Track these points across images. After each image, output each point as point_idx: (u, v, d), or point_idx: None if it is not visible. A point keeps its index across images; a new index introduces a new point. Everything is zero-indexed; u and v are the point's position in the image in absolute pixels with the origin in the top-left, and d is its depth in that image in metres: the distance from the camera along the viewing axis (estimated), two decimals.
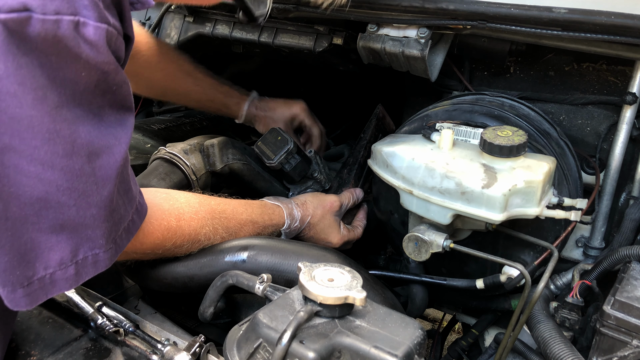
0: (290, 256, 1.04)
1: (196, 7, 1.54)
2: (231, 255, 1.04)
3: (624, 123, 1.22)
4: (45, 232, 0.76)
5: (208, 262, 1.05)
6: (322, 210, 1.30)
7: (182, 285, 1.06)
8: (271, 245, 1.07)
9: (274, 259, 1.03)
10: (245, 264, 1.03)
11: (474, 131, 1.16)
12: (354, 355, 0.73)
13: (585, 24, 1.04)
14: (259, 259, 1.03)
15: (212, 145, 1.35)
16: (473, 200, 1.01)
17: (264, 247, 1.05)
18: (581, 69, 1.32)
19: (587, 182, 1.29)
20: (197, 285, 1.05)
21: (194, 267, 1.05)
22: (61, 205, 0.75)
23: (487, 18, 1.13)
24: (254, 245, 1.06)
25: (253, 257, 1.04)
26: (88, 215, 0.79)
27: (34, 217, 0.74)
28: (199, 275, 1.04)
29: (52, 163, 0.72)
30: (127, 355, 0.95)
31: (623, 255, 1.02)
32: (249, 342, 0.76)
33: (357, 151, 1.52)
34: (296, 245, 1.10)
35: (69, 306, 1.05)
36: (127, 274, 1.16)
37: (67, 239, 0.78)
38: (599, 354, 0.90)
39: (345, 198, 1.38)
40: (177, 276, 1.05)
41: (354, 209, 1.46)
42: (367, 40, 1.28)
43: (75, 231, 0.78)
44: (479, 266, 1.27)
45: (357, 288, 0.76)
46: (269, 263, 1.03)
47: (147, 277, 1.07)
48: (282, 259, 1.03)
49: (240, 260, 1.04)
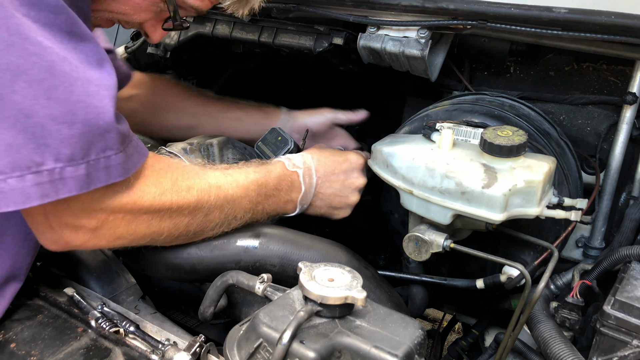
0: (301, 247, 1.05)
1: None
2: (243, 240, 1.05)
3: (624, 123, 1.22)
4: (56, 120, 0.74)
5: (220, 244, 1.05)
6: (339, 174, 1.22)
7: (190, 267, 1.05)
8: (283, 234, 1.08)
9: (285, 247, 1.05)
10: (256, 249, 1.04)
11: (474, 131, 1.16)
12: (354, 355, 0.73)
13: (585, 24, 1.04)
14: (271, 246, 1.05)
15: (212, 145, 1.35)
16: (473, 200, 1.01)
17: (276, 235, 1.07)
18: (581, 69, 1.32)
19: (587, 182, 1.29)
20: (205, 268, 1.05)
21: (205, 247, 1.05)
22: (69, 84, 0.75)
23: (487, 18, 1.13)
24: (267, 233, 1.07)
25: (265, 244, 1.05)
26: (95, 105, 0.78)
27: (43, 100, 0.73)
28: (209, 257, 1.04)
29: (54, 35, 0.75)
30: (127, 355, 0.95)
31: (623, 255, 1.02)
32: (249, 342, 0.76)
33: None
34: (307, 238, 1.11)
35: (69, 306, 1.06)
36: (130, 260, 1.14)
37: (80, 133, 0.76)
38: (599, 354, 0.90)
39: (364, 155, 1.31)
40: (188, 256, 1.04)
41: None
42: (367, 40, 1.28)
43: (87, 124, 0.77)
44: (479, 266, 1.27)
45: (357, 288, 0.76)
46: (280, 251, 1.04)
47: (154, 260, 1.06)
48: (293, 249, 1.05)
49: (252, 246, 1.05)
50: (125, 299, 1.17)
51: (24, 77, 0.73)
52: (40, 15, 0.76)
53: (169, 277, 1.10)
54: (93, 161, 0.78)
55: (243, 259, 1.05)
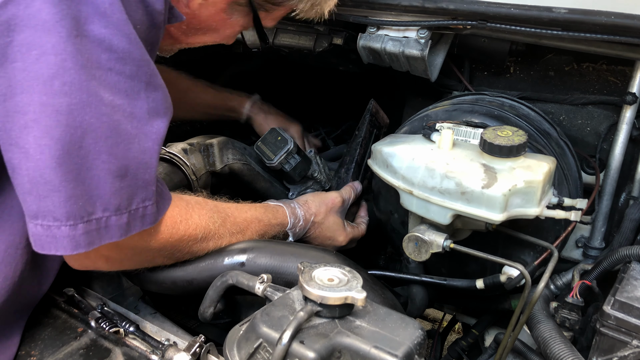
0: (289, 258, 1.03)
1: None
2: (230, 257, 1.04)
3: (624, 123, 1.22)
4: (111, 174, 0.80)
5: (207, 265, 1.04)
6: (325, 207, 1.30)
7: (181, 289, 1.05)
8: (270, 247, 1.06)
9: (272, 261, 1.03)
10: (244, 267, 1.03)
11: (474, 131, 1.16)
12: (354, 355, 0.73)
13: (585, 24, 1.05)
14: (258, 261, 1.03)
15: (212, 145, 1.35)
16: (473, 201, 1.01)
17: (262, 249, 1.05)
18: (581, 69, 1.32)
19: (587, 182, 1.29)
20: (196, 289, 1.05)
21: (192, 270, 1.04)
22: (129, 142, 0.81)
23: (487, 18, 1.13)
24: (253, 248, 1.05)
25: (252, 260, 1.03)
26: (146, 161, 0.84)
27: (105, 155, 0.79)
28: (198, 279, 1.04)
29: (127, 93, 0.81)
30: (127, 355, 0.95)
31: (623, 255, 1.02)
32: (249, 342, 0.76)
33: (353, 149, 1.52)
34: (295, 247, 1.09)
35: (69, 306, 1.06)
36: (127, 276, 1.15)
37: (128, 185, 0.82)
38: (599, 354, 0.90)
39: (346, 193, 1.38)
40: (176, 280, 1.04)
41: (355, 207, 1.46)
42: (367, 40, 1.28)
43: (135, 178, 0.83)
44: (479, 266, 1.27)
45: (357, 288, 0.76)
46: (267, 265, 1.03)
47: (147, 280, 1.06)
48: (281, 261, 1.03)
49: (239, 263, 1.03)
50: (125, 299, 1.17)
51: (92, 134, 0.78)
52: (125, 68, 0.81)
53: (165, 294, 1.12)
54: (133, 210, 0.84)
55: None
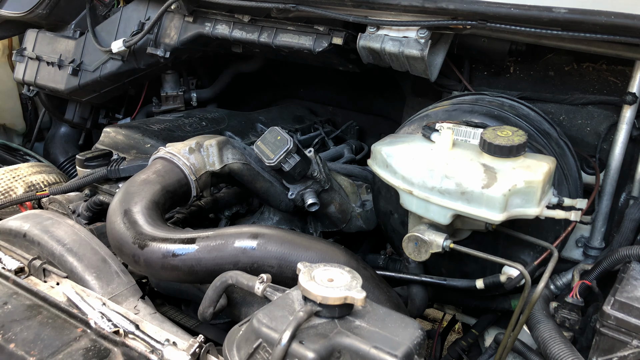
0: (299, 247, 1.04)
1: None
2: (241, 241, 1.04)
3: (624, 123, 1.22)
4: None
5: (218, 246, 1.04)
6: None
7: (188, 268, 1.05)
8: (281, 235, 1.07)
9: (283, 248, 1.03)
10: (254, 251, 1.03)
11: (474, 131, 1.16)
12: (354, 355, 0.73)
13: (585, 24, 1.04)
14: (269, 247, 1.03)
15: (212, 145, 1.35)
16: (473, 201, 1.01)
17: (274, 236, 1.05)
18: (581, 69, 1.32)
19: (587, 182, 1.29)
20: (203, 269, 1.05)
21: (203, 249, 1.04)
22: None
23: (487, 18, 1.13)
24: (264, 234, 1.05)
25: (263, 245, 1.04)
26: None
27: None
28: (207, 258, 1.04)
29: None
30: (126, 355, 0.94)
31: (623, 255, 1.02)
32: (248, 342, 0.76)
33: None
34: (305, 238, 1.10)
35: (69, 306, 1.05)
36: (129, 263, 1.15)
37: None
38: (599, 354, 0.90)
39: None
40: (186, 257, 1.04)
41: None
42: (367, 40, 1.28)
43: None
44: (479, 266, 1.27)
45: (357, 288, 0.76)
46: (278, 252, 1.03)
47: (152, 261, 1.06)
48: (291, 250, 1.03)
49: (250, 247, 1.03)
50: (125, 299, 1.16)
51: None
52: None
53: (167, 278, 1.10)
54: None
55: (241, 260, 1.04)
